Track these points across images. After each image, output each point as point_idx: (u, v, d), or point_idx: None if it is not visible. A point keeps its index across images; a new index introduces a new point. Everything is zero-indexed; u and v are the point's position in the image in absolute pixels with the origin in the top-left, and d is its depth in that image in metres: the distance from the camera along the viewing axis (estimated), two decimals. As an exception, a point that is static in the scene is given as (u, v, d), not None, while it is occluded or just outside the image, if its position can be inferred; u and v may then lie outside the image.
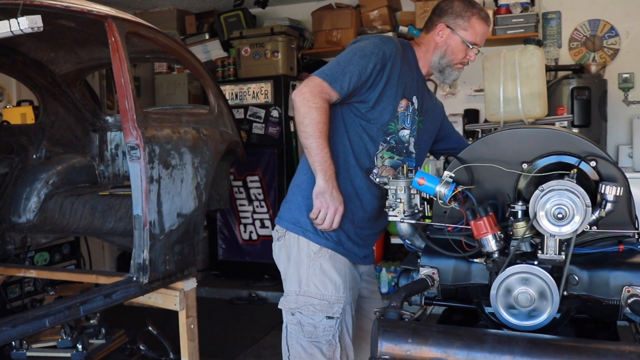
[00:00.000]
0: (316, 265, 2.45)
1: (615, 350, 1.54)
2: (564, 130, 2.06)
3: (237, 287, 6.45)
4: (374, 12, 6.47)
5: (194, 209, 3.46)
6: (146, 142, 3.08)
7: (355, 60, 2.42)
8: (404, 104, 2.52)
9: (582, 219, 1.75)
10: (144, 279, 3.13)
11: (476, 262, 1.98)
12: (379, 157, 2.54)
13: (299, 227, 2.50)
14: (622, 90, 6.10)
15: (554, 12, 6.31)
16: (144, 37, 3.46)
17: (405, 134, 2.56)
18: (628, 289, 1.83)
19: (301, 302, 2.45)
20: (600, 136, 5.73)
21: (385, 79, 2.46)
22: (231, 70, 6.82)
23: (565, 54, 6.30)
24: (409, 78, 2.55)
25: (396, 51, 2.48)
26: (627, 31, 6.11)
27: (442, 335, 1.66)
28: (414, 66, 2.60)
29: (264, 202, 6.50)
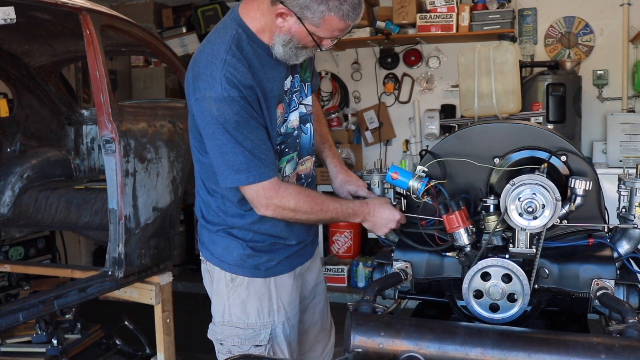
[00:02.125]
0: (235, 294, 2.26)
1: (584, 342, 1.57)
2: (536, 125, 2.09)
3: (214, 281, 6.42)
4: (350, 6, 6.46)
5: (170, 203, 3.45)
6: (121, 136, 3.07)
7: (238, 138, 1.99)
8: (279, 111, 2.16)
9: (552, 213, 1.77)
10: (120, 273, 3.13)
11: (449, 255, 2.00)
12: (280, 173, 2.20)
13: (215, 258, 2.29)
14: (597, 87, 6.16)
15: (530, 9, 6.36)
16: (119, 29, 3.44)
17: (290, 124, 2.23)
18: (597, 282, 1.86)
19: (227, 332, 2.29)
20: (575, 132, 5.79)
21: (260, 112, 2.06)
22: (209, 64, 6.79)
23: (541, 51, 6.35)
24: (269, 77, 2.11)
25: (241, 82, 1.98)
26: (601, 28, 6.17)
27: (414, 328, 1.68)
28: (264, 54, 2.09)
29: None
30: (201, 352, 4.66)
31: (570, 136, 5.65)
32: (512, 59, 2.39)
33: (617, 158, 5.68)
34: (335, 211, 2.15)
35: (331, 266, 6.10)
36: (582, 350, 1.54)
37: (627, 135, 5.73)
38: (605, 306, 1.82)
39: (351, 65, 6.92)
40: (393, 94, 6.80)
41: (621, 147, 5.73)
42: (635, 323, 1.59)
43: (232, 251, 2.24)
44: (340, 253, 6.39)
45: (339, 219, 2.19)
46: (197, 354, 4.61)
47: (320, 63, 7.13)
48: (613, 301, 1.77)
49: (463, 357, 1.60)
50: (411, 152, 6.56)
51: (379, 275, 2.14)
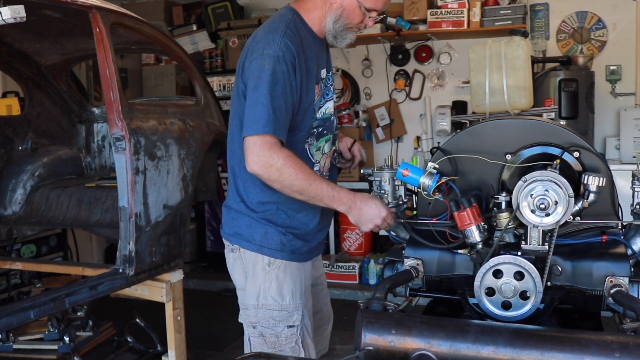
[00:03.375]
0: (271, 277, 2.39)
1: (597, 340, 1.55)
2: (547, 121, 2.07)
3: (225, 278, 6.32)
4: (362, 3, 6.45)
5: (180, 201, 3.45)
6: (131, 134, 3.07)
7: (274, 92, 2.21)
8: (317, 91, 2.40)
9: (564, 209, 1.76)
10: (130, 270, 3.13)
11: (460, 253, 1.98)
12: (315, 152, 2.46)
13: (252, 244, 2.41)
14: (610, 82, 6.11)
15: (542, 4, 6.32)
16: (129, 27, 3.44)
17: (325, 109, 2.49)
18: (611, 280, 1.84)
19: (261, 315, 2.39)
20: (588, 128, 5.75)
21: (299, 86, 2.30)
22: (219, 62, 6.80)
23: (553, 46, 6.31)
24: (312, 59, 2.37)
25: (295, 50, 2.26)
26: (614, 23, 6.12)
27: (425, 326, 1.67)
28: (311, 39, 2.39)
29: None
30: (212, 349, 4.68)
31: (583, 132, 5.61)
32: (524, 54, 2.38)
33: (630, 154, 5.63)
34: (320, 188, 2.21)
35: (342, 263, 6.09)
36: (596, 349, 1.52)
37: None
38: (619, 304, 1.80)
39: (362, 62, 6.90)
40: (404, 91, 6.78)
41: (634, 143, 5.68)
42: (649, 321, 1.57)
43: (272, 237, 2.40)
44: (352, 250, 6.38)
45: (322, 199, 2.23)
46: (208, 351, 4.63)
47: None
48: (627, 299, 1.75)
49: (475, 356, 1.59)
50: (422, 149, 6.53)
51: (390, 273, 2.12)
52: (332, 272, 6.13)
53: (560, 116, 5.55)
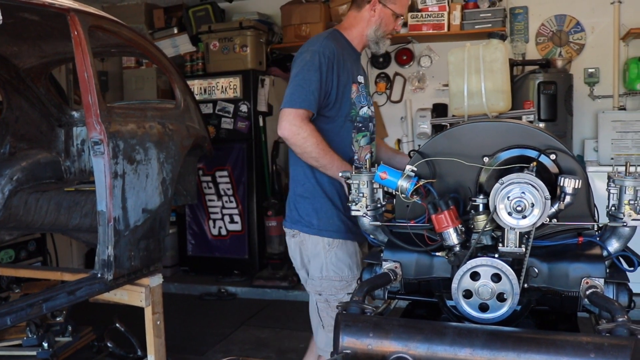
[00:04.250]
0: (332, 254, 2.86)
1: (573, 342, 1.56)
2: (525, 124, 2.08)
3: (206, 282, 6.42)
4: (342, 6, 6.45)
5: (160, 205, 3.43)
6: (110, 137, 3.05)
7: (310, 76, 2.75)
8: (354, 89, 2.92)
9: (541, 211, 1.76)
10: (109, 275, 3.11)
11: (438, 255, 1.98)
12: (355, 143, 2.94)
13: (313, 229, 2.89)
14: (588, 85, 6.18)
15: (521, 7, 6.37)
16: (108, 30, 3.41)
17: (365, 110, 2.98)
18: (587, 281, 1.85)
19: (325, 285, 2.88)
20: (566, 130, 5.80)
21: (336, 77, 2.81)
22: (200, 65, 6.78)
23: (532, 49, 6.36)
24: (350, 63, 2.93)
25: (335, 49, 2.83)
26: (592, 27, 6.18)
27: (403, 329, 1.67)
28: (350, 49, 3.00)
29: (233, 197, 6.47)
30: (193, 353, 4.66)
31: (562, 134, 5.66)
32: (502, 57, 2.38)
33: (608, 156, 5.69)
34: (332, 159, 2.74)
35: (324, 266, 6.09)
36: (572, 350, 1.54)
37: (618, 133, 5.74)
38: (595, 305, 1.81)
39: (343, 65, 6.90)
40: (385, 94, 6.80)
41: (612, 145, 5.75)
42: (624, 322, 1.58)
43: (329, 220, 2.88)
44: (333, 253, 6.37)
45: (332, 169, 2.75)
46: (189, 355, 4.61)
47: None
48: (602, 300, 1.76)
49: (452, 358, 1.59)
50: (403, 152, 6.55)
51: (368, 276, 2.12)
52: (313, 275, 6.13)
53: (539, 118, 5.60)
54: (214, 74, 6.60)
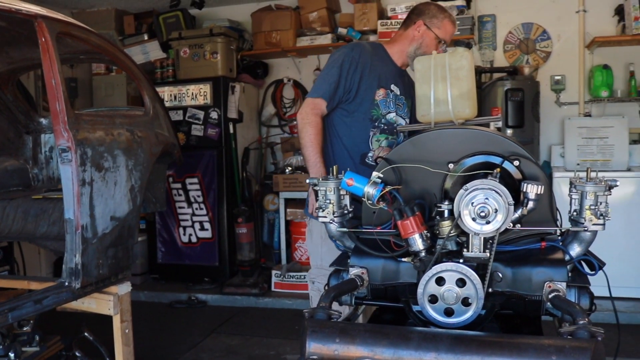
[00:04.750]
0: (326, 244, 3.01)
1: (535, 344, 1.59)
2: (489, 131, 2.11)
3: (176, 290, 6.39)
4: (313, 13, 6.50)
5: (128, 212, 3.41)
6: (78, 145, 3.03)
7: (332, 70, 3.11)
8: (382, 93, 3.19)
9: (504, 217, 1.79)
10: (76, 283, 3.08)
11: (404, 261, 2.00)
12: (374, 141, 3.19)
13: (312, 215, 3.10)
14: (554, 92, 6.29)
15: (489, 15, 6.46)
16: (76, 37, 3.39)
17: (392, 117, 3.23)
18: (549, 285, 1.88)
19: (317, 273, 3.13)
20: (534, 136, 5.88)
21: (359, 75, 3.12)
22: (170, 72, 6.75)
23: (500, 56, 6.46)
24: (384, 71, 3.21)
25: (364, 52, 3.16)
26: (558, 35, 6.29)
27: (369, 334, 1.68)
28: (388, 61, 3.28)
29: (203, 204, 6.45)
30: (162, 362, 4.63)
31: (529, 140, 5.75)
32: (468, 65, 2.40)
33: (574, 162, 5.79)
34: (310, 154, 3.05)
35: (294, 273, 6.10)
36: (534, 352, 1.56)
37: (584, 139, 5.85)
38: (557, 308, 1.84)
39: (313, 72, 6.94)
40: (355, 101, 6.81)
41: (578, 151, 5.85)
42: (585, 324, 1.60)
43: None
44: (303, 260, 6.39)
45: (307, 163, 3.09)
46: (158, 364, 4.58)
47: (282, 70, 7.15)
48: (564, 303, 1.79)
49: (418, 362, 1.61)
50: (374, 158, 6.59)
51: (335, 282, 2.14)
52: (283, 281, 6.13)
53: (506, 125, 5.68)
54: (184, 80, 6.58)
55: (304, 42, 6.51)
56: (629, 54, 6.05)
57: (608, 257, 4.14)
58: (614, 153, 5.78)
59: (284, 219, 6.49)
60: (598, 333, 1.57)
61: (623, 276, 5.37)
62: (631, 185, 5.46)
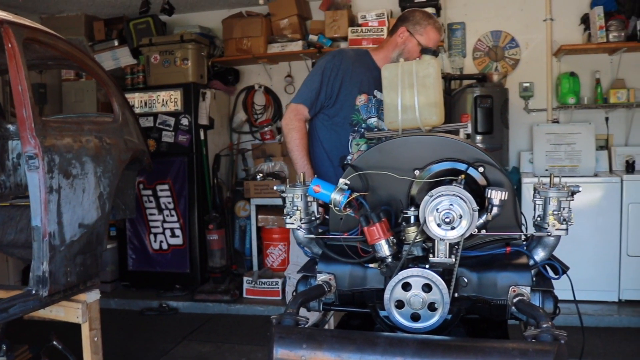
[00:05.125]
0: None
1: (499, 348, 1.61)
2: (454, 138, 2.14)
3: (147, 297, 6.34)
4: (284, 20, 6.51)
5: (97, 219, 3.39)
6: (45, 152, 3.00)
7: (315, 77, 3.23)
8: (363, 98, 3.26)
9: (469, 223, 1.82)
10: (44, 291, 3.05)
11: (371, 267, 2.02)
12: (354, 145, 3.23)
13: None
14: (523, 99, 6.37)
15: (459, 23, 6.53)
16: (44, 43, 3.36)
17: (373, 121, 3.28)
18: (514, 289, 1.91)
19: (293, 269, 3.27)
20: (503, 142, 5.95)
21: (339, 81, 3.22)
22: (140, 78, 6.71)
23: (470, 64, 6.52)
24: (367, 77, 3.26)
25: (345, 58, 3.26)
26: (526, 42, 6.38)
27: (335, 340, 1.69)
28: (372, 67, 3.32)
29: (174, 211, 6.42)
30: (133, 370, 4.60)
31: (498, 146, 5.81)
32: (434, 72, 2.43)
33: (543, 167, 5.87)
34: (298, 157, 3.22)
35: (265, 279, 6.08)
36: (498, 356, 1.58)
37: (552, 145, 5.93)
38: (521, 312, 1.86)
39: (284, 79, 6.95)
40: (326, 106, 6.84)
41: (547, 157, 5.93)
42: (548, 328, 1.63)
43: None
44: (275, 266, 6.38)
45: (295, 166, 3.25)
46: (128, 372, 4.54)
47: (253, 76, 7.16)
48: (528, 307, 1.82)
49: (384, 367, 1.62)
50: (345, 164, 6.61)
51: (303, 288, 2.15)
52: (255, 288, 6.11)
53: (476, 131, 5.74)
54: (154, 87, 6.55)
55: (275, 49, 6.52)
56: (594, 61, 6.15)
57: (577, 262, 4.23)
58: (581, 159, 5.87)
59: (255, 225, 6.48)
60: (561, 336, 1.60)
61: (592, 280, 5.46)
62: (598, 191, 5.55)
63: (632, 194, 5.46)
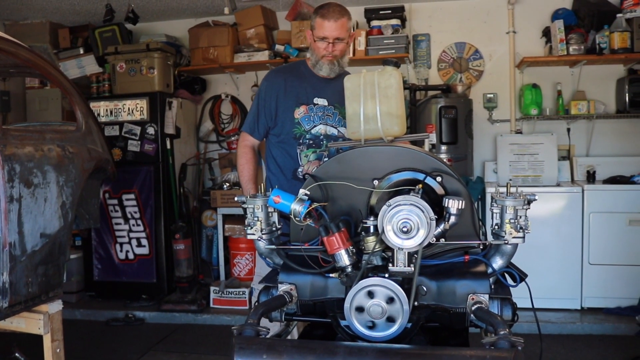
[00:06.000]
0: None
1: (457, 355, 1.64)
2: (413, 148, 2.17)
3: (113, 307, 6.27)
4: (250, 30, 6.52)
5: (59, 229, 3.36)
6: (5, 160, 2.97)
7: (253, 103, 3.44)
8: (302, 110, 3.35)
9: (426, 232, 1.84)
10: (4, 302, 3.01)
11: (332, 277, 2.04)
12: (303, 157, 3.34)
13: None
14: (487, 110, 6.46)
15: (424, 35, 6.60)
16: (4, 51, 3.33)
17: (318, 130, 3.36)
18: (472, 297, 1.94)
19: (257, 280, 3.21)
20: (467, 152, 6.02)
21: (274, 101, 3.36)
22: (106, 86, 6.66)
23: (435, 75, 6.60)
24: (303, 87, 3.37)
25: (277, 77, 3.41)
26: (490, 54, 6.48)
27: (295, 350, 1.71)
28: (309, 75, 3.41)
29: (140, 220, 6.37)
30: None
31: (463, 157, 5.88)
32: (396, 83, 2.45)
33: (507, 177, 5.95)
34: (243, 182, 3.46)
35: (232, 289, 6.07)
36: (456, 363, 1.61)
37: (515, 155, 6.02)
38: (480, 320, 1.89)
39: (251, 88, 6.95)
40: (293, 116, 6.86)
41: (510, 167, 6.02)
42: (505, 335, 1.66)
43: None
44: (242, 276, 6.37)
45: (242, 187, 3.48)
46: (91, 383, 4.49)
47: (220, 86, 7.15)
48: (486, 314, 1.84)
49: (343, 376, 1.64)
50: (312, 174, 6.63)
51: (265, 298, 2.15)
52: (222, 298, 6.09)
53: (440, 141, 5.80)
54: (120, 95, 6.50)
55: (242, 59, 6.53)
56: (556, 73, 6.27)
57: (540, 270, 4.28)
58: (544, 169, 5.97)
59: (222, 234, 6.47)
60: (518, 342, 1.63)
61: (554, 288, 5.54)
62: (561, 200, 5.64)
63: (593, 204, 5.56)
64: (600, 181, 5.88)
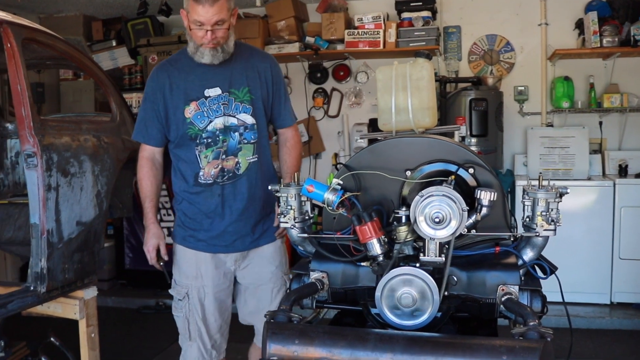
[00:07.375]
0: (176, 258, 3.22)
1: (487, 345, 1.66)
2: (445, 139, 2.18)
3: (144, 296, 6.36)
4: (281, 22, 6.55)
5: (94, 217, 3.43)
6: (43, 150, 3.04)
7: (142, 107, 3.04)
8: (193, 107, 2.90)
9: (458, 222, 1.86)
10: (42, 288, 3.08)
11: (363, 265, 2.07)
12: (202, 159, 2.96)
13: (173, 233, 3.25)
14: (518, 102, 6.41)
15: (454, 27, 6.57)
16: (42, 43, 3.40)
17: (214, 126, 2.91)
18: (502, 288, 1.96)
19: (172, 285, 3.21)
20: (497, 145, 6.00)
21: (161, 102, 2.94)
22: (138, 78, 6.74)
23: (465, 67, 6.57)
24: (189, 81, 2.91)
25: (160, 75, 2.94)
26: (521, 46, 6.43)
27: (327, 336, 1.74)
28: (194, 65, 2.90)
29: (170, 210, 6.44)
30: (129, 367, 4.63)
31: (493, 149, 5.86)
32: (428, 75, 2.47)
33: (537, 170, 5.90)
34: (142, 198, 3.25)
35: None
36: (486, 353, 1.63)
37: (546, 148, 5.97)
38: (509, 310, 1.91)
39: (282, 80, 6.97)
40: (322, 108, 6.90)
41: (541, 160, 5.98)
42: (535, 326, 1.68)
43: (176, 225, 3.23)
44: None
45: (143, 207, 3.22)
46: (124, 369, 4.58)
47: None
48: (516, 305, 1.87)
49: (374, 362, 1.67)
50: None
51: (296, 286, 2.19)
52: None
53: (471, 134, 5.78)
54: (152, 87, 6.56)
55: (272, 51, 6.55)
56: (588, 66, 6.20)
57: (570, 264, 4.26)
58: (575, 162, 5.92)
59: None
60: (547, 334, 1.65)
61: (584, 282, 5.51)
62: (591, 194, 5.60)
63: (624, 198, 5.51)
64: (632, 175, 5.81)
